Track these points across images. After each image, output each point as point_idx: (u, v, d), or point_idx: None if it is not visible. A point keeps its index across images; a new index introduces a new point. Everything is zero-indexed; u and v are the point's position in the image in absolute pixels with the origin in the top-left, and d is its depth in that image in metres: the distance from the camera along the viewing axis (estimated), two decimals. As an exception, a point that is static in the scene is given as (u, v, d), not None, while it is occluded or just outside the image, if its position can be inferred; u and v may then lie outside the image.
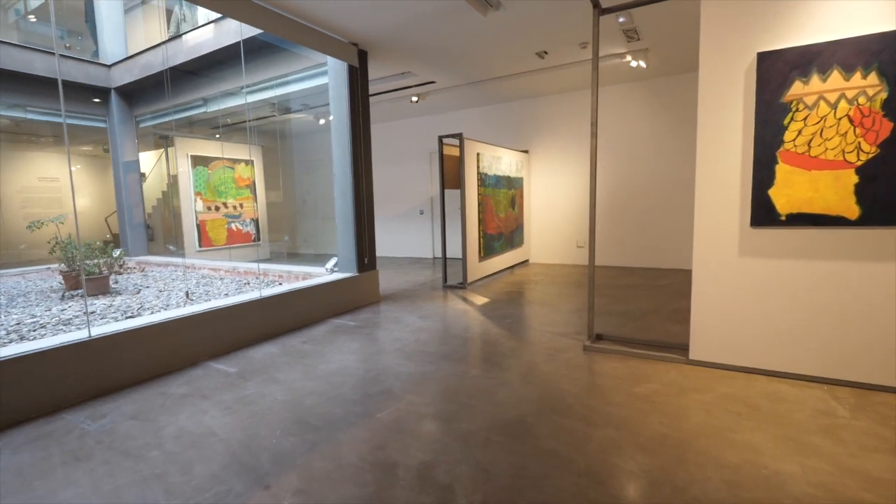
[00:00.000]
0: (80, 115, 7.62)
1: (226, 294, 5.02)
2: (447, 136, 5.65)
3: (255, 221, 9.10)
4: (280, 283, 5.59)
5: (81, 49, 8.73)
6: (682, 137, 6.47)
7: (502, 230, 6.75)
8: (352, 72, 4.78)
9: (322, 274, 5.20)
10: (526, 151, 7.71)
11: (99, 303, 4.61)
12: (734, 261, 2.84)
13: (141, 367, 3.00)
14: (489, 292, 5.56)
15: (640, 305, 4.66)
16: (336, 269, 5.17)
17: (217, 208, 8.38)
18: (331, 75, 4.91)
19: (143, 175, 9.81)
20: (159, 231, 9.14)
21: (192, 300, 4.68)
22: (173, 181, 8.06)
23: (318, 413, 2.47)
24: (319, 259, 9.16)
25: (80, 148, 9.74)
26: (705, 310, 2.96)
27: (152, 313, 4.14)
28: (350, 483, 1.86)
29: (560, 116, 7.42)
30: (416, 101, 7.09)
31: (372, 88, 6.55)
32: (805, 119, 2.57)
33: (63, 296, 5.01)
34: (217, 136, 9.02)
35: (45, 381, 2.57)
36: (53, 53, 6.51)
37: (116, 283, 5.67)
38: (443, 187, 5.79)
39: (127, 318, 3.98)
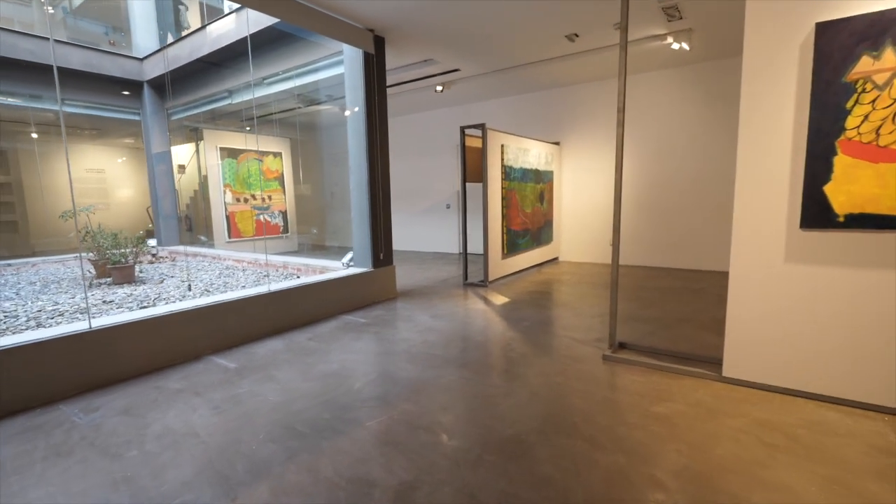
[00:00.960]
0: (114, 107, 7.91)
1: (243, 286, 5.04)
2: (469, 127, 5.41)
3: (283, 213, 9.21)
4: (298, 276, 5.57)
5: (126, 45, 9.07)
6: (730, 128, 5.92)
7: (528, 226, 6.46)
8: (367, 59, 4.62)
9: (339, 268, 5.12)
10: (557, 143, 7.34)
11: (121, 292, 4.73)
12: (779, 267, 2.47)
13: (141, 359, 2.98)
14: (511, 292, 5.31)
15: (672, 311, 4.27)
16: (352, 263, 5.07)
17: (245, 200, 8.53)
18: (346, 63, 4.77)
19: (181, 167, 10.15)
20: (197, 222, 9.41)
21: (209, 291, 4.71)
22: (205, 172, 8.25)
23: (306, 418, 2.35)
24: (346, 252, 9.15)
25: (122, 140, 10.17)
26: (743, 320, 2.60)
27: (166, 304, 4.18)
28: (321, 501, 1.71)
29: (594, 106, 7.00)
30: (441, 91, 6.87)
31: (394, 77, 6.39)
32: (873, 102, 2.17)
33: (91, 283, 5.19)
34: (248, 129, 9.18)
35: (45, 372, 2.58)
36: (89, 48, 6.75)
37: (142, 272, 5.84)
38: (465, 181, 5.56)
39: (142, 307, 4.03)
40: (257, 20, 5.08)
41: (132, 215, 11.02)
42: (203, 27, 6.17)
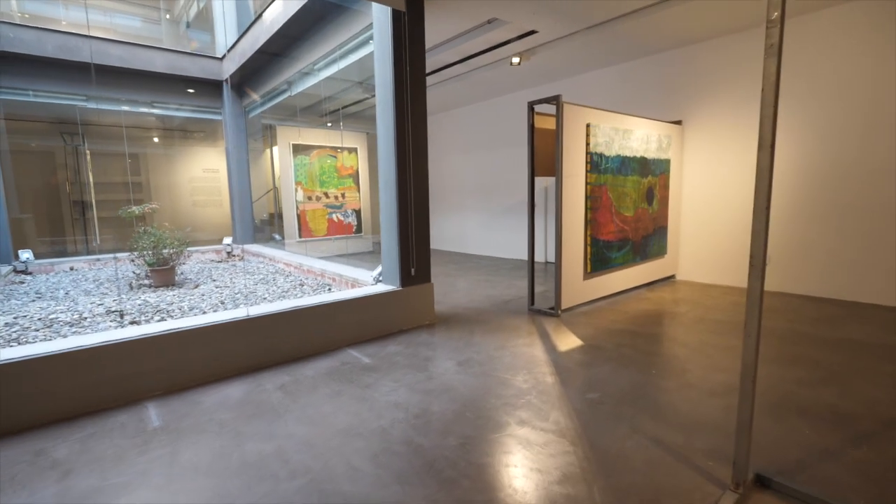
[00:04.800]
0: (200, 108, 8.12)
1: (264, 298, 4.42)
2: (540, 102, 4.03)
3: (357, 212, 8.73)
4: (329, 288, 4.81)
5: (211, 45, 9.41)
6: None
7: (627, 234, 4.79)
8: (397, 19, 3.56)
9: (368, 283, 4.21)
10: (678, 122, 5.45)
11: (143, 298, 4.46)
12: None
13: (49, 405, 2.35)
14: (590, 328, 3.81)
15: (872, 395, 2.42)
16: (381, 279, 4.10)
17: (318, 198, 8.20)
18: (375, 29, 3.78)
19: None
20: (272, 220, 9.48)
21: (222, 304, 4.14)
22: (280, 171, 8.11)
23: (126, 578, 1.38)
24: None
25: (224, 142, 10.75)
26: None
27: (162, 320, 3.69)
28: None
29: (734, 68, 4.97)
30: (519, 63, 5.52)
31: (458, 51, 5.25)
32: None
33: (131, 285, 5.09)
34: (329, 124, 8.89)
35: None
36: (172, 50, 6.91)
37: (181, 273, 5.66)
38: (532, 173, 4.20)
39: (132, 322, 3.58)
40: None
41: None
42: (259, 16, 5.79)
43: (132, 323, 3.55)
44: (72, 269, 6.58)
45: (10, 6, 8.00)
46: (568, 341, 3.47)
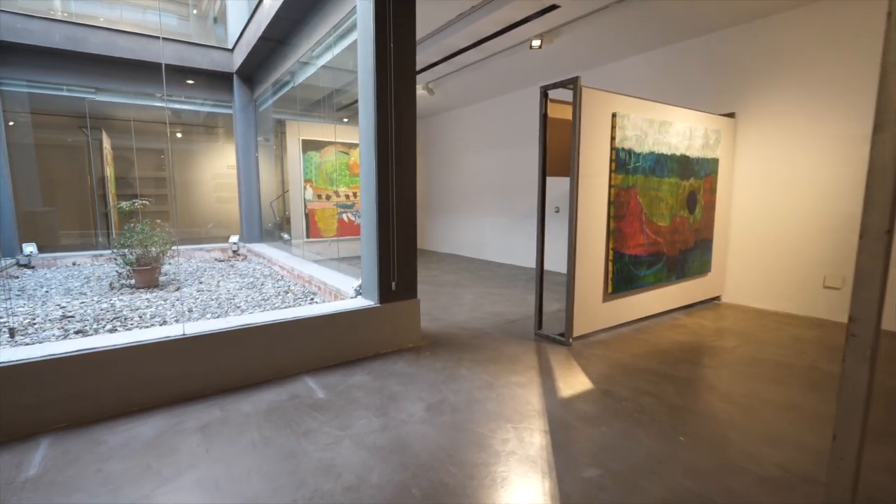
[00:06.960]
0: (216, 102, 7.86)
1: (239, 307, 3.99)
2: (555, 86, 3.35)
3: (371, 212, 8.29)
4: (313, 298, 4.33)
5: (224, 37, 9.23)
6: None
7: (661, 248, 4.02)
8: (380, -14, 3.01)
9: (349, 295, 3.69)
10: (730, 115, 4.60)
11: (111, 301, 4.14)
12: None
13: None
14: (606, 364, 3.11)
15: None
16: (362, 291, 3.57)
17: (328, 197, 7.81)
18: (359, 4, 3.24)
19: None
20: (281, 220, 9.23)
21: (190, 312, 3.72)
22: (289, 168, 7.78)
23: None
24: (432, 258, 7.74)
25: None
26: None
27: (113, 330, 3.31)
28: None
29: (803, 50, 4.07)
30: (540, 46, 4.83)
31: (468, 33, 4.63)
32: None
33: (112, 285, 4.82)
34: (345, 119, 8.50)
35: None
36: (180, 41, 6.69)
37: (167, 274, 5.34)
38: (543, 172, 3.53)
39: (76, 332, 3.21)
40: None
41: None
42: (260, 1, 5.41)
43: (78, 333, 3.19)
44: (74, 264, 6.49)
45: (53, 5, 8.13)
46: (574, 382, 2.79)
